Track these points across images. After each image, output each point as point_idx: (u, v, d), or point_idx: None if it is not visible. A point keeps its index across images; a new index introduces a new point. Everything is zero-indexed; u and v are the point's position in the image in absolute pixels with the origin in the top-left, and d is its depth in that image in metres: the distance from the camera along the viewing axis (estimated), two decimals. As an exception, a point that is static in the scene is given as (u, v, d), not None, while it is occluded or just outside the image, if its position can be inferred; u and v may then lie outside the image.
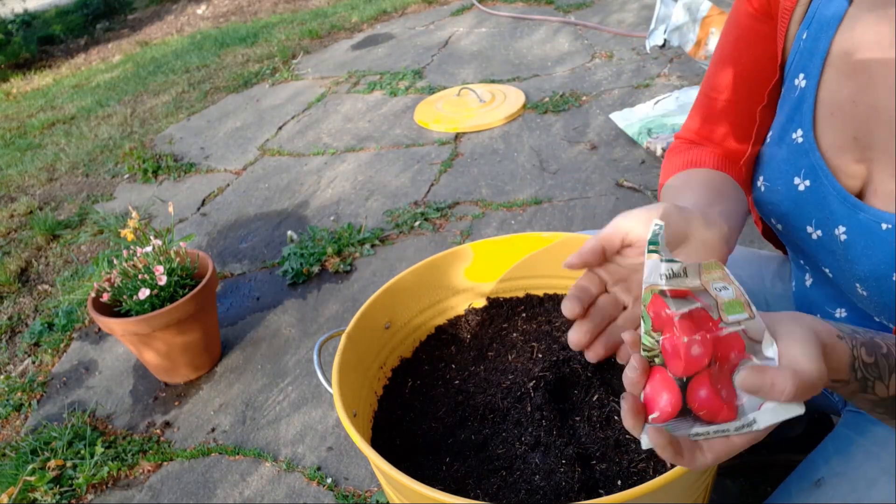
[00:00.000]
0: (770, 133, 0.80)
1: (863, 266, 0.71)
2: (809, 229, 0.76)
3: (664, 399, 0.54)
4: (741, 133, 0.86)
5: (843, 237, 0.71)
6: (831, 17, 0.70)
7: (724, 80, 0.85)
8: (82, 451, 1.67)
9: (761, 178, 0.81)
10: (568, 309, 0.66)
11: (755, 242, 1.84)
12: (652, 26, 3.28)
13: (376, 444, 0.93)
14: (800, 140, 0.74)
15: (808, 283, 0.89)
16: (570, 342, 0.68)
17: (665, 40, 3.24)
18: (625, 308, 0.70)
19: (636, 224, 0.65)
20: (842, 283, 0.77)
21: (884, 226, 0.68)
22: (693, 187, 0.81)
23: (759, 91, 0.82)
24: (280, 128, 3.34)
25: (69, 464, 1.64)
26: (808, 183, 0.74)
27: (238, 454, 1.62)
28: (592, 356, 0.68)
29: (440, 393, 1.00)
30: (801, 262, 0.89)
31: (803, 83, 0.74)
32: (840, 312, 0.83)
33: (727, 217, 0.72)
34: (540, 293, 1.14)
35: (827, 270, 0.77)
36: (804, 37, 0.73)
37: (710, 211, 0.71)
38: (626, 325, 0.69)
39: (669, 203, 0.66)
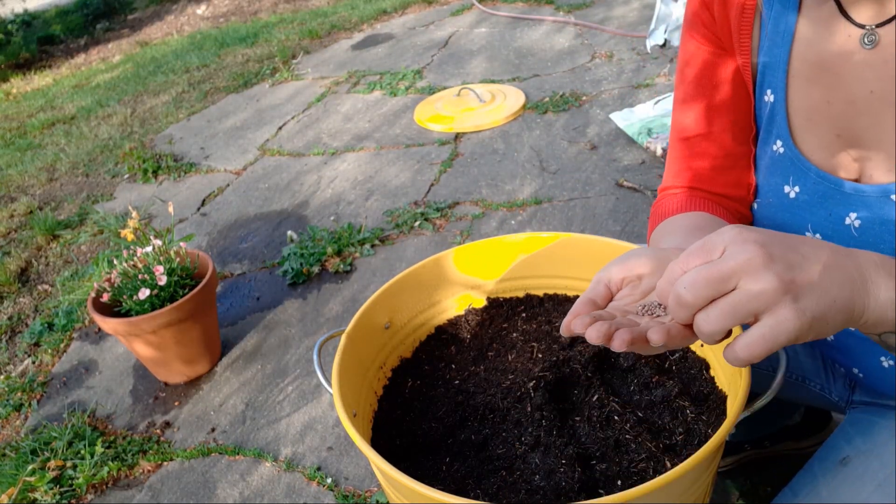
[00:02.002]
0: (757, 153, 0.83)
1: (887, 244, 0.70)
2: (808, 235, 0.76)
3: None
4: (727, 163, 0.86)
5: (857, 223, 0.71)
6: (783, 31, 0.73)
7: (700, 119, 0.85)
8: (82, 451, 1.67)
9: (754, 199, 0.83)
10: (577, 324, 0.57)
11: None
12: (652, 26, 3.28)
13: (376, 444, 0.93)
14: (781, 150, 0.76)
15: None
16: (569, 328, 0.58)
17: (665, 40, 3.24)
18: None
19: (615, 270, 0.63)
20: None
21: (893, 196, 0.68)
22: (671, 232, 0.81)
23: (738, 120, 0.83)
24: (280, 128, 3.34)
25: (69, 464, 1.64)
26: (797, 189, 0.76)
27: (238, 454, 1.62)
28: (619, 344, 0.55)
29: (440, 393, 1.00)
30: None
31: (772, 98, 0.76)
32: None
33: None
34: (540, 293, 1.14)
35: None
36: (762, 57, 0.76)
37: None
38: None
39: (642, 247, 0.67)
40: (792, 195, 0.76)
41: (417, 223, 2.34)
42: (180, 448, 1.67)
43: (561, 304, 1.11)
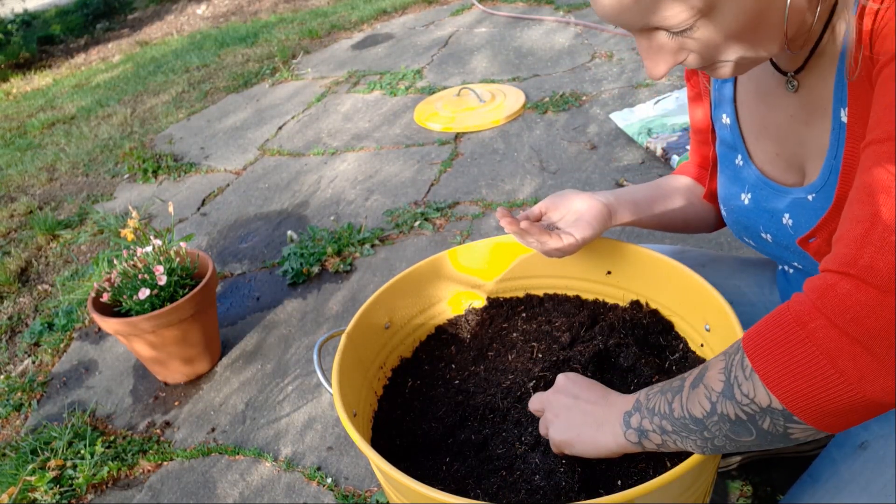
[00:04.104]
0: (718, 166, 0.98)
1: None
2: (764, 235, 0.89)
3: None
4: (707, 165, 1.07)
5: (790, 222, 0.84)
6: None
7: (706, 115, 1.04)
8: (82, 451, 1.67)
9: (721, 206, 0.97)
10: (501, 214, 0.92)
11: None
12: (652, 26, 3.28)
13: (376, 444, 0.94)
14: (740, 163, 0.92)
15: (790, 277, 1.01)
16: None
17: (665, 40, 3.24)
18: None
19: (547, 200, 0.98)
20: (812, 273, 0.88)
21: (809, 196, 0.80)
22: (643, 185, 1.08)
23: (707, 139, 1.04)
24: (280, 127, 3.34)
25: (69, 464, 1.64)
26: (750, 195, 0.90)
27: (238, 454, 1.62)
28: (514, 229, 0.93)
29: (440, 393, 1.00)
30: (782, 269, 1.00)
31: (728, 121, 0.93)
32: None
33: (627, 196, 1.01)
34: (540, 293, 1.14)
35: (797, 265, 0.90)
36: (714, 93, 0.95)
37: (622, 194, 1.00)
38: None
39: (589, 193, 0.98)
40: (747, 202, 0.90)
41: (417, 223, 2.34)
42: (180, 448, 1.67)
43: (561, 303, 1.11)
